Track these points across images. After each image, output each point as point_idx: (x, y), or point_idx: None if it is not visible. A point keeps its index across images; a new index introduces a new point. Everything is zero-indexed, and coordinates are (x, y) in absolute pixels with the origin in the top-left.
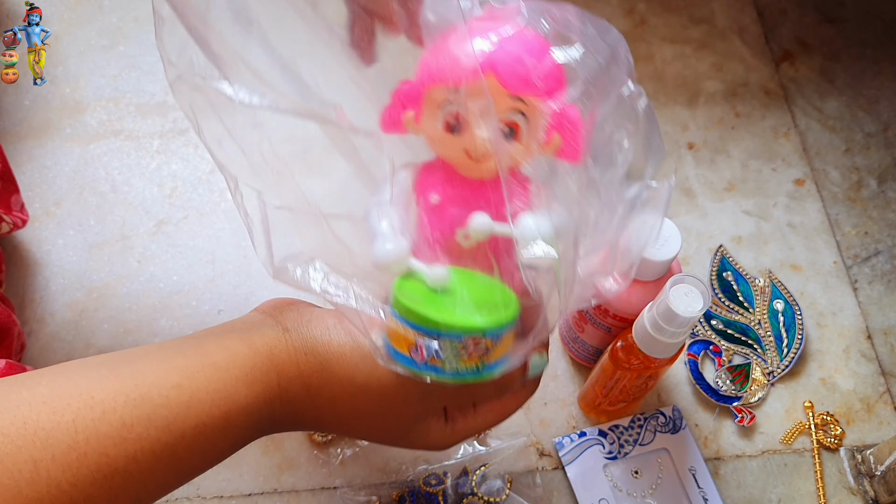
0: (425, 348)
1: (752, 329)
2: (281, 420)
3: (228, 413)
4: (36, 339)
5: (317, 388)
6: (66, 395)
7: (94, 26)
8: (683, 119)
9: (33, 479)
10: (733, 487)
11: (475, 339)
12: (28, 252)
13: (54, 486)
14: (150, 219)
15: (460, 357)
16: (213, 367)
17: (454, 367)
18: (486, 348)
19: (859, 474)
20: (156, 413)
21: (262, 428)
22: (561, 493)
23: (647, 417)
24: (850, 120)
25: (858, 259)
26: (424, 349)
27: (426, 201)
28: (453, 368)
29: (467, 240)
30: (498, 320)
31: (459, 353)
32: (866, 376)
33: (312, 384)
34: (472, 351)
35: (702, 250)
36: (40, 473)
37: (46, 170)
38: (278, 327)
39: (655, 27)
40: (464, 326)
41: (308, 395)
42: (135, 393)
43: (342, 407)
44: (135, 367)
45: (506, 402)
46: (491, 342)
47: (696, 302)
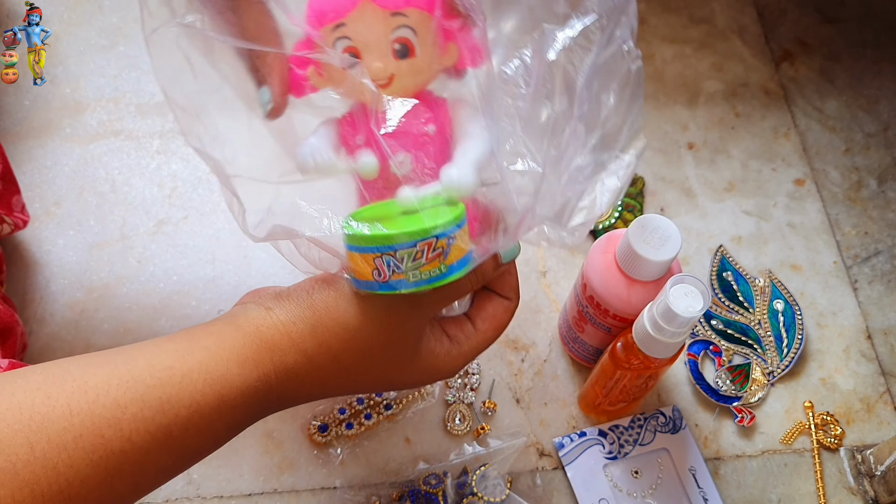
0: (386, 266)
1: (752, 329)
2: (283, 395)
3: (222, 393)
4: (36, 339)
5: (314, 349)
6: (60, 381)
7: (94, 26)
8: (683, 119)
9: (29, 461)
10: (733, 487)
11: (428, 242)
12: (28, 252)
13: (50, 467)
14: (150, 219)
15: (420, 265)
16: (202, 349)
17: (418, 277)
18: (442, 250)
19: (859, 474)
20: (149, 394)
21: (262, 406)
22: (561, 493)
23: (647, 417)
24: (850, 120)
25: (858, 259)
26: (385, 267)
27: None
28: (417, 278)
29: (401, 168)
30: (445, 219)
31: (418, 261)
32: (866, 376)
33: (309, 348)
34: (430, 255)
35: (702, 250)
36: (36, 455)
37: (46, 170)
38: (261, 307)
39: (655, 27)
40: (412, 231)
41: (307, 359)
42: (127, 376)
43: (345, 356)
44: (127, 354)
45: (497, 310)
46: (445, 242)
47: (696, 302)
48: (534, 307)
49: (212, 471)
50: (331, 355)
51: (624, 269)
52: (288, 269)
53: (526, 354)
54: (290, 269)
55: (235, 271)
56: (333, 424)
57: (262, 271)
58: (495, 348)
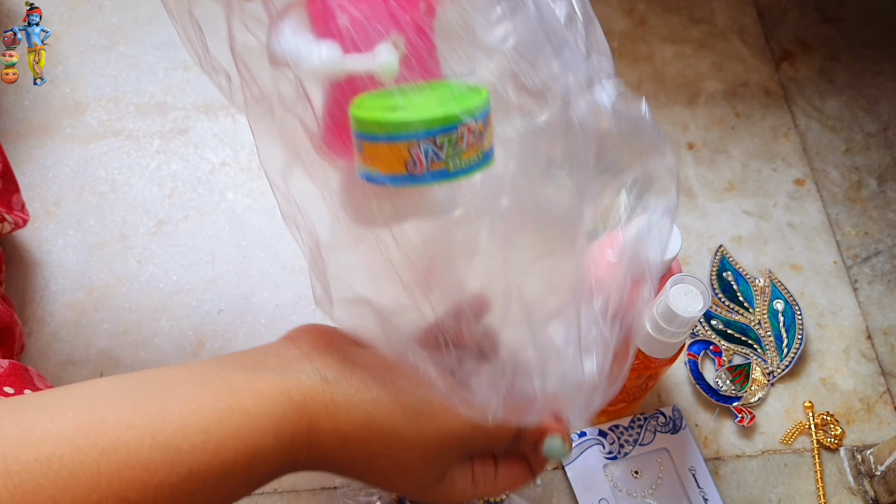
0: (423, 156)
1: (752, 329)
2: (304, 464)
3: (252, 461)
4: (36, 340)
5: (355, 441)
6: (93, 434)
7: (94, 26)
8: (683, 119)
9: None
10: (733, 487)
11: (468, 125)
12: (28, 252)
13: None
14: (150, 219)
15: (461, 151)
16: (242, 413)
17: (458, 164)
18: (479, 133)
19: (859, 474)
20: (181, 460)
21: (283, 471)
22: (561, 493)
23: (647, 417)
24: (851, 120)
25: (858, 259)
26: (423, 157)
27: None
28: (458, 166)
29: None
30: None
31: (458, 146)
32: (866, 376)
33: (350, 438)
34: (470, 139)
35: (702, 250)
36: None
37: (46, 170)
38: (317, 375)
39: (655, 27)
40: (454, 115)
41: (342, 447)
42: (160, 436)
43: (382, 460)
44: (162, 404)
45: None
46: (482, 125)
47: (696, 302)
48: None
49: None
50: (368, 453)
51: None
52: (288, 269)
53: None
54: (290, 269)
55: (235, 271)
56: None
57: (262, 271)
58: None
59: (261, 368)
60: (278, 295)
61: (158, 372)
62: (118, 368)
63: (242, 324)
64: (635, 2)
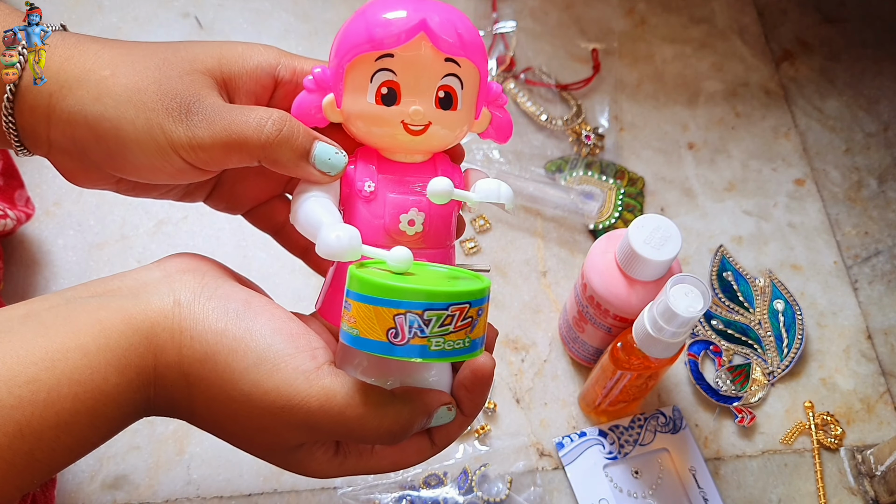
0: (407, 327)
1: (752, 329)
2: (158, 406)
3: (96, 406)
4: None
5: (195, 379)
6: None
7: (94, 26)
8: (683, 119)
9: None
10: (733, 487)
11: (461, 307)
12: (28, 252)
13: None
14: (149, 219)
15: (447, 332)
16: (79, 351)
17: (441, 346)
18: (471, 320)
19: (859, 474)
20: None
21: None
22: (561, 493)
23: (647, 417)
24: (851, 120)
25: (859, 259)
26: (406, 328)
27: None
28: (440, 346)
29: (412, 226)
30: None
31: (445, 327)
32: (866, 376)
33: (192, 374)
34: (459, 323)
35: (702, 250)
36: None
37: (46, 169)
38: (170, 297)
39: (655, 27)
40: (450, 292)
41: (186, 385)
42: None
43: (218, 409)
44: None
45: (408, 450)
46: (476, 312)
47: (696, 302)
48: (534, 307)
49: (212, 471)
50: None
51: (624, 269)
52: (288, 269)
53: (526, 355)
54: (290, 269)
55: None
56: None
57: (262, 271)
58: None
59: (112, 295)
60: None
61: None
62: None
63: None
64: (635, 2)
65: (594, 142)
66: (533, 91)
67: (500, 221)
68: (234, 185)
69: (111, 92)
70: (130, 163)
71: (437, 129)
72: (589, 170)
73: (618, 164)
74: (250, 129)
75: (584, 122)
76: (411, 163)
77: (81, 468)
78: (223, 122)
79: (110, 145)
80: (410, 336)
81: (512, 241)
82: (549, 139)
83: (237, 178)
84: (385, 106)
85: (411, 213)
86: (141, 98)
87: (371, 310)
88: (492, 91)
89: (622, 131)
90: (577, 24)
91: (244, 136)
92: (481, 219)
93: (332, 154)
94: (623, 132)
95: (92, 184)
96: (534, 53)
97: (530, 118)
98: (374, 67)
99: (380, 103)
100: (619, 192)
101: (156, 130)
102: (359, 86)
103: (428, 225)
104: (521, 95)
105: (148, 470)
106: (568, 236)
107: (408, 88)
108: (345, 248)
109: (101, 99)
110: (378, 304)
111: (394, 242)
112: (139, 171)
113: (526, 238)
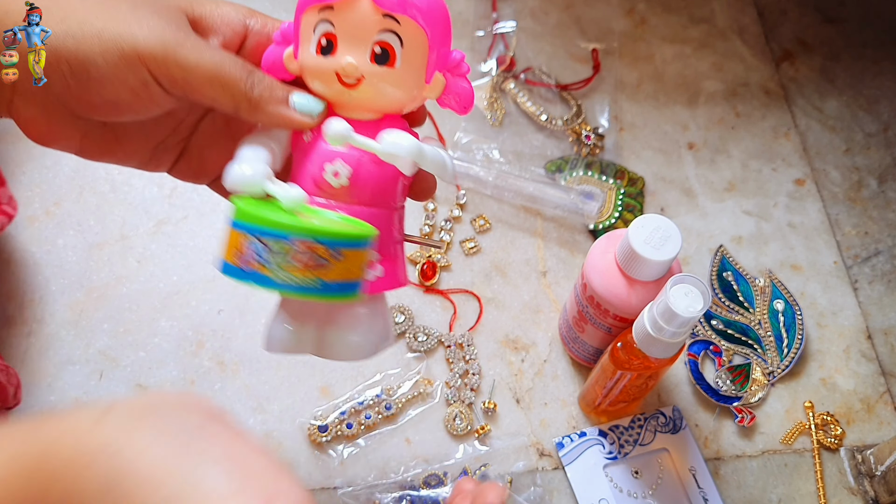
0: (254, 252)
1: (752, 329)
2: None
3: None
4: (36, 340)
5: None
6: None
7: None
8: (683, 119)
9: None
10: (733, 487)
11: (307, 243)
12: (28, 252)
13: None
14: (149, 219)
15: (290, 265)
16: None
17: (285, 278)
18: (322, 260)
19: (859, 474)
20: None
21: None
22: (561, 493)
23: (647, 417)
24: (851, 120)
25: (859, 259)
26: (249, 252)
27: (300, 141)
28: (284, 279)
29: (336, 177)
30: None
31: (289, 260)
32: (866, 376)
33: None
34: (306, 259)
35: (702, 250)
36: None
37: (46, 170)
38: None
39: (655, 27)
40: (292, 226)
41: None
42: None
43: None
44: None
45: None
46: (326, 251)
47: (696, 302)
48: (534, 307)
49: None
50: None
51: (624, 269)
52: None
53: (526, 354)
54: None
55: None
56: (333, 424)
57: None
58: (496, 348)
59: None
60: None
61: None
62: (118, 368)
63: (242, 324)
64: (635, 1)
65: (594, 142)
66: (533, 91)
67: (500, 221)
68: (202, 152)
69: (76, 12)
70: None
71: (372, 84)
72: (589, 170)
73: (618, 164)
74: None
75: (584, 122)
76: (360, 120)
77: None
78: (213, 54)
79: (72, 64)
80: (252, 261)
81: (512, 241)
82: (549, 139)
83: (205, 144)
84: (322, 57)
85: (336, 164)
86: (111, 14)
87: (230, 233)
88: (450, 58)
89: (622, 131)
90: (577, 24)
91: (233, 76)
92: (481, 219)
93: (310, 98)
94: (623, 132)
95: (56, 137)
96: (534, 53)
97: (530, 118)
98: (317, 19)
99: (319, 54)
100: (619, 192)
101: (124, 36)
102: (306, 37)
103: (354, 179)
104: (521, 95)
105: None
106: (568, 236)
107: (344, 41)
108: (246, 179)
109: (66, 20)
110: (233, 226)
111: (322, 193)
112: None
113: (526, 238)
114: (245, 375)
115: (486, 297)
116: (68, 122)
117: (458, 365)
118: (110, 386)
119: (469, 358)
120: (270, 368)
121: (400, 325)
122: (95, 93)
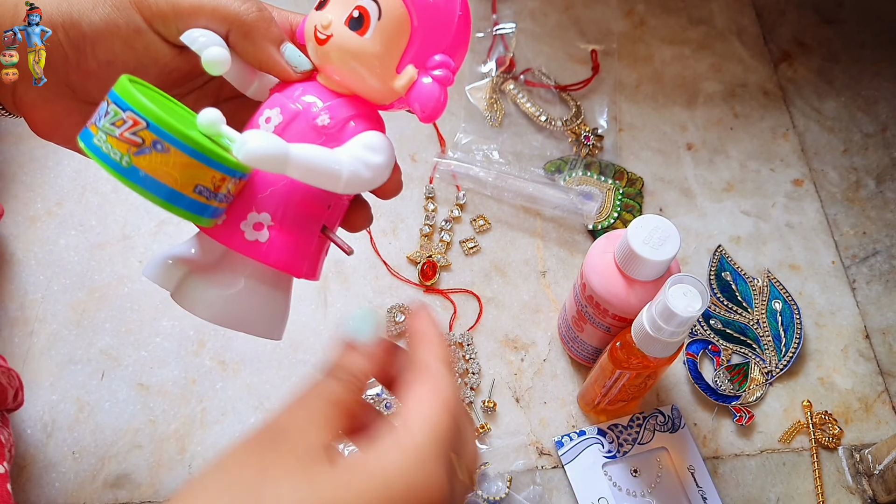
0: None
1: (750, 329)
2: None
3: None
4: (37, 339)
5: None
6: None
7: None
8: (682, 119)
9: None
10: (732, 486)
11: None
12: (30, 252)
13: None
14: (151, 219)
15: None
16: None
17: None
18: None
19: (857, 473)
20: None
21: None
22: (560, 491)
23: (646, 416)
24: (849, 120)
25: (857, 259)
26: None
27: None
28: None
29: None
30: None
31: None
32: (864, 376)
33: None
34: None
35: (700, 250)
36: None
37: (48, 170)
38: None
39: (655, 28)
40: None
41: None
42: None
43: None
44: None
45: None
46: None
47: (694, 301)
48: (533, 307)
49: None
50: None
51: (623, 269)
52: None
53: (526, 354)
54: None
55: None
56: None
57: None
58: (495, 348)
59: None
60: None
61: None
62: (119, 368)
63: None
64: (635, 3)
65: (593, 142)
66: (532, 92)
67: (499, 221)
68: None
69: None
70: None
71: (337, 45)
72: (588, 170)
73: (617, 165)
74: None
75: (584, 123)
76: (326, 86)
77: (83, 467)
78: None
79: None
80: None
81: (511, 241)
82: (549, 140)
83: None
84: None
85: (273, 111)
86: None
87: None
88: (432, 58)
89: (621, 132)
90: (577, 25)
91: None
92: (481, 219)
93: (301, 55)
94: (622, 133)
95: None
96: (533, 55)
97: (530, 119)
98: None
99: (316, 9)
100: (618, 192)
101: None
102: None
103: (282, 129)
104: (521, 96)
105: (150, 469)
106: (567, 236)
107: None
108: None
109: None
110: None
111: None
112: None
113: (525, 238)
114: (246, 375)
115: (485, 296)
116: (71, 106)
117: (458, 364)
118: (112, 385)
119: (469, 357)
120: (272, 368)
121: (400, 325)
122: (91, 55)
